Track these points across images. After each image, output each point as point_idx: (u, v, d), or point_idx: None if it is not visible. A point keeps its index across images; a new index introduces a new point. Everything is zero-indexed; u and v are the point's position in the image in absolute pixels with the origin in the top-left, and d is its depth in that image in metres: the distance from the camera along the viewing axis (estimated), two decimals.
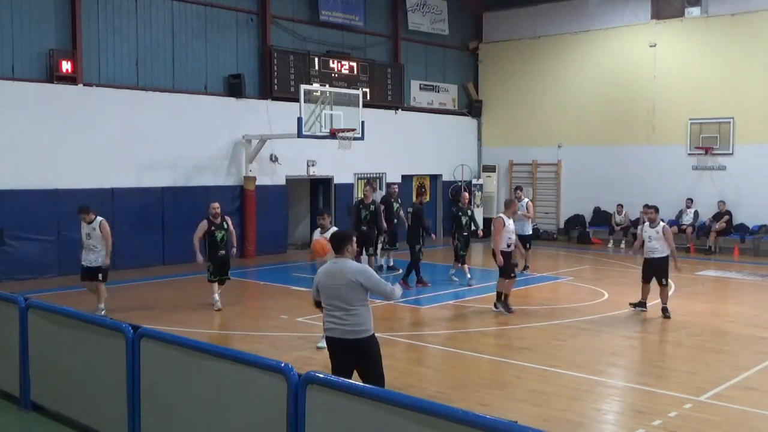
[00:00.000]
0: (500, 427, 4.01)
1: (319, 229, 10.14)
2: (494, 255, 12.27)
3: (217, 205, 12.81)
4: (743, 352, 10.14)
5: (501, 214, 12.60)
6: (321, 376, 4.93)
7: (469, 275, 15.33)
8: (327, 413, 4.75)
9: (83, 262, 11.89)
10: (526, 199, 17.23)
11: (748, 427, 7.43)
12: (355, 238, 6.93)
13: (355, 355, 6.60)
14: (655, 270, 12.25)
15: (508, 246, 12.40)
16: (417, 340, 10.77)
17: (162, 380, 5.96)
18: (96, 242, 11.73)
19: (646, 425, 7.24)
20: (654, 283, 12.42)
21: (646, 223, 12.51)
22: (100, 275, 11.85)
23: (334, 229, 9.41)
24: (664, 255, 12.21)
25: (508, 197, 13.96)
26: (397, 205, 16.70)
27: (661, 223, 12.30)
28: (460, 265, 15.42)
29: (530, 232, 17.13)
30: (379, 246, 16.69)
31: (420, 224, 15.29)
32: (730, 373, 9.03)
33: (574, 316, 12.14)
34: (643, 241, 12.51)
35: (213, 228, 12.51)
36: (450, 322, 12.22)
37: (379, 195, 20.94)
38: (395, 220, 16.50)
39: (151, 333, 6.21)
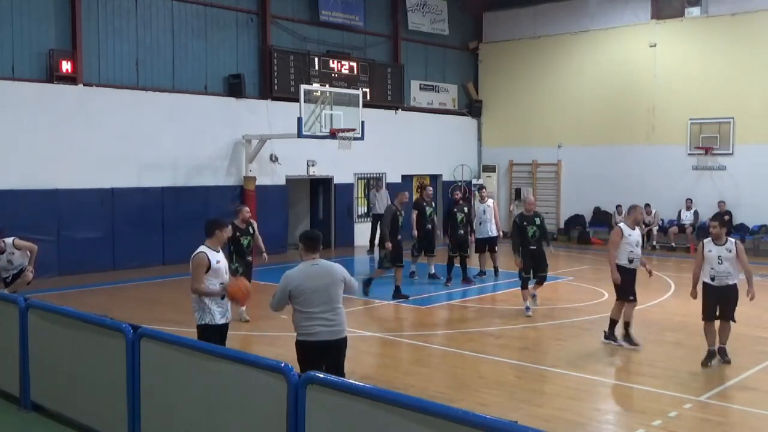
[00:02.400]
0: (500, 427, 4.02)
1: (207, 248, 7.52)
2: (611, 271, 10.14)
3: (248, 209, 11.96)
4: (743, 352, 10.13)
5: (621, 223, 10.51)
6: (321, 376, 4.93)
7: (531, 304, 12.46)
8: (327, 413, 4.75)
9: (2, 275, 10.93)
10: (491, 200, 16.34)
11: (748, 427, 7.44)
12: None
13: (336, 353, 6.56)
14: (726, 301, 9.29)
15: (630, 261, 10.18)
16: (417, 340, 10.77)
17: (162, 380, 5.97)
18: (19, 261, 10.93)
19: (646, 425, 7.24)
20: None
21: (708, 241, 9.45)
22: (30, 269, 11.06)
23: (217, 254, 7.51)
24: (736, 281, 9.34)
25: (633, 203, 10.63)
26: (431, 209, 15.50)
27: (730, 239, 9.48)
28: (532, 288, 12.62)
29: (495, 234, 15.92)
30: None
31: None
32: (730, 373, 9.03)
33: (574, 316, 12.14)
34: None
35: (238, 234, 11.40)
36: (450, 322, 12.22)
37: (384, 195, 20.87)
38: (429, 226, 15.31)
39: (151, 333, 6.21)
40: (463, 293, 14.49)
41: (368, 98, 21.13)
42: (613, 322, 10.42)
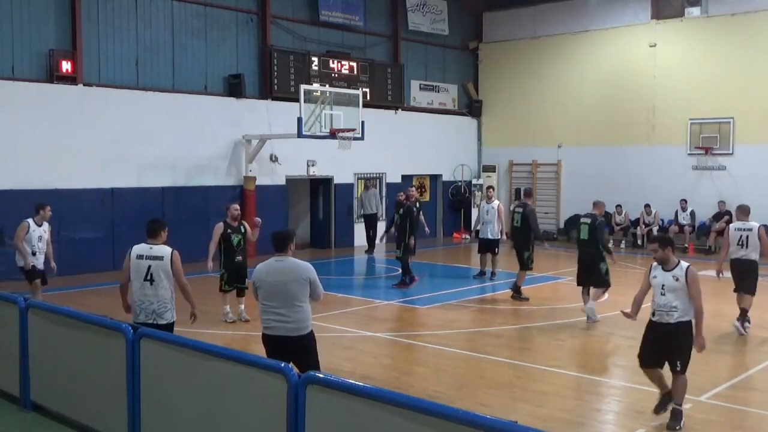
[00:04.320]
0: (500, 427, 4.02)
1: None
2: None
3: (237, 206, 11.95)
4: (743, 352, 10.14)
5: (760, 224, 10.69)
6: (321, 376, 4.93)
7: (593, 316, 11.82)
8: (327, 413, 4.75)
9: (39, 266, 11.40)
10: (497, 201, 16.09)
11: (748, 427, 7.44)
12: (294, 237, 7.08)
13: (296, 350, 6.67)
14: (669, 347, 7.17)
15: None
16: (417, 340, 10.77)
17: (162, 380, 5.97)
18: (44, 246, 11.42)
19: (646, 425, 7.25)
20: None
21: (656, 264, 7.44)
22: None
23: None
24: (686, 319, 7.13)
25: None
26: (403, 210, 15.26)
27: (682, 264, 7.31)
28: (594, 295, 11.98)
29: (498, 237, 15.75)
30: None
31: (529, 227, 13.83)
32: (730, 373, 9.04)
33: (574, 316, 12.13)
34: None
35: (229, 231, 11.50)
36: (450, 322, 12.22)
37: (373, 195, 21.07)
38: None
39: (151, 333, 6.22)
40: (463, 294, 14.47)
41: (368, 98, 21.13)
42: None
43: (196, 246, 18.02)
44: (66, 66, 16.17)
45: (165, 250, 7.43)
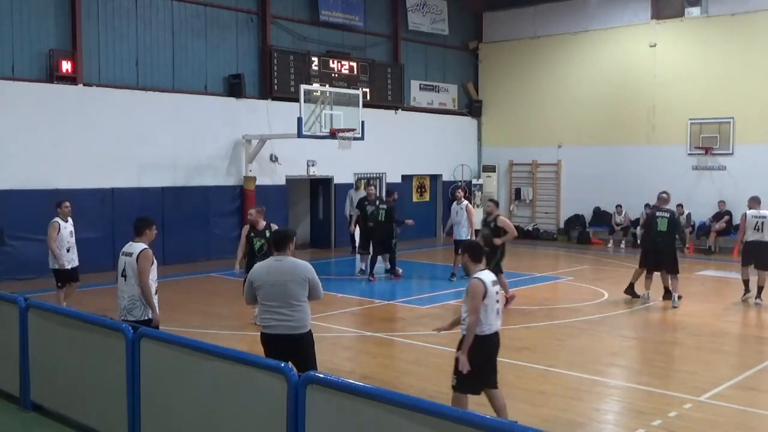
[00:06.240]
0: (500, 427, 4.02)
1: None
2: None
3: (252, 210, 11.71)
4: (743, 352, 10.14)
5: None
6: (321, 376, 4.93)
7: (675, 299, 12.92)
8: (327, 413, 4.75)
9: (69, 265, 11.45)
10: (465, 202, 15.99)
11: (748, 427, 7.44)
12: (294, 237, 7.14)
13: (295, 349, 6.67)
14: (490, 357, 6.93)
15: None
16: (417, 340, 10.76)
17: (162, 380, 5.97)
18: (74, 239, 11.53)
19: (646, 425, 7.25)
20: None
21: None
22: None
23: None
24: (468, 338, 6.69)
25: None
26: (372, 208, 15.91)
27: (478, 274, 6.91)
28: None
29: (465, 237, 15.41)
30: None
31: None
32: (730, 373, 9.03)
33: (574, 316, 12.14)
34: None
35: (252, 235, 11.22)
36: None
37: (362, 195, 21.06)
38: (371, 224, 15.83)
39: (151, 333, 6.23)
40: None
41: (368, 98, 21.11)
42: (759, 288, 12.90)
43: (196, 246, 18.17)
44: (66, 66, 16.17)
45: (136, 248, 7.50)
